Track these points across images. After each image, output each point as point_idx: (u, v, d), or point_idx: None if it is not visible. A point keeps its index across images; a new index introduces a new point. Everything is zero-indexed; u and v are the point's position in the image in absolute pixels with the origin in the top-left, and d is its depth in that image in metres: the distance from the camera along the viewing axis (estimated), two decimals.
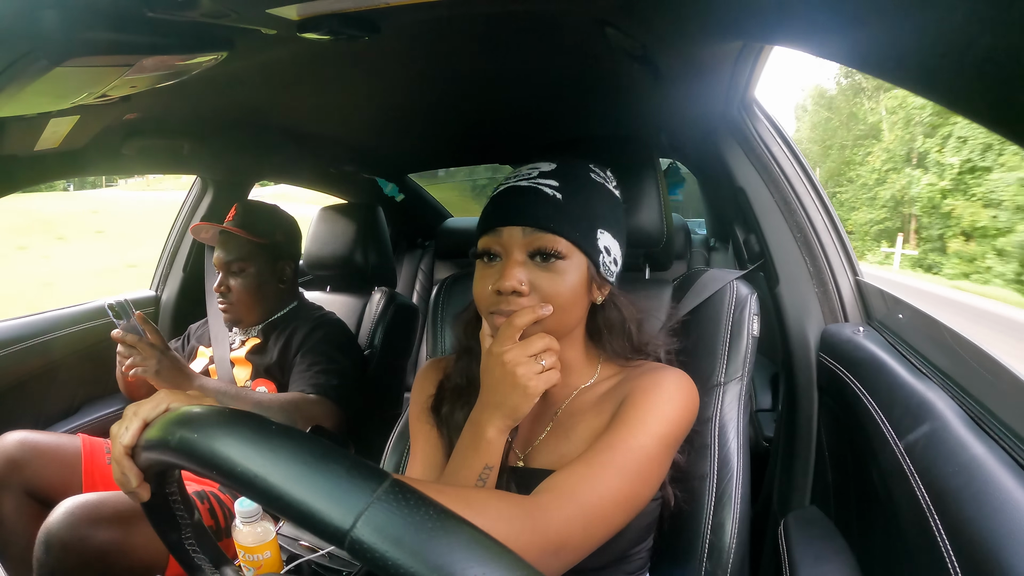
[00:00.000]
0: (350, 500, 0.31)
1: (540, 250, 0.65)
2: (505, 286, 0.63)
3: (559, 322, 0.66)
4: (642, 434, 0.62)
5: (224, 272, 1.26)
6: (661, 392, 0.65)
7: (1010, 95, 0.32)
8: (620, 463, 0.59)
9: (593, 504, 0.56)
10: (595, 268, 0.68)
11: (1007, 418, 0.59)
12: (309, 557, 0.71)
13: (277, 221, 1.34)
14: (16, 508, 1.05)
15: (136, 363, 1.06)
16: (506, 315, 0.64)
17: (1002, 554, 0.46)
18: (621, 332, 0.73)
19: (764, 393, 1.43)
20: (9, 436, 1.10)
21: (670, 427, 0.64)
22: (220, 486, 1.13)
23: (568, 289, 0.65)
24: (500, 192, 0.69)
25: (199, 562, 0.52)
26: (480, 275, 0.68)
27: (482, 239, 0.68)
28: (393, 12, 0.64)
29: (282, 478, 0.33)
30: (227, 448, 0.35)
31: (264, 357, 1.25)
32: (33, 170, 1.07)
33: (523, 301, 0.64)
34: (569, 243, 0.65)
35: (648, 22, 0.71)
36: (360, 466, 0.33)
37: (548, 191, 0.66)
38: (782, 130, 1.14)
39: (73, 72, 0.57)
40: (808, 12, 0.49)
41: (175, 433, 0.40)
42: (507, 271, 0.64)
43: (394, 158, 1.89)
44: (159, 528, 0.51)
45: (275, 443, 0.35)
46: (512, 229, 0.66)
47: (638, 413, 0.63)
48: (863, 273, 1.03)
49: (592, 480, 0.57)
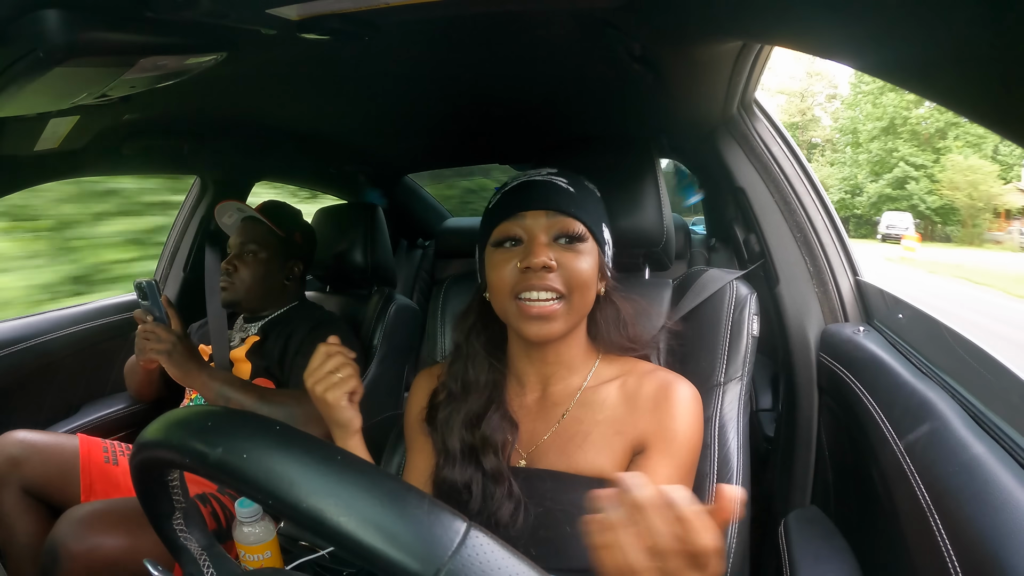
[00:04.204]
0: (431, 552, 0.30)
1: (563, 232, 0.70)
2: (536, 262, 0.67)
3: (581, 303, 0.71)
4: (689, 475, 0.69)
5: (236, 253, 1.29)
6: (692, 421, 0.69)
7: (1010, 95, 0.32)
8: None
9: None
10: (604, 256, 0.73)
11: (1007, 418, 0.59)
12: (309, 557, 0.71)
13: (299, 222, 1.40)
14: (15, 505, 1.06)
15: (152, 346, 1.07)
16: (538, 290, 0.67)
17: (1002, 554, 0.46)
18: (617, 324, 0.76)
19: (764, 393, 1.43)
20: (9, 436, 1.10)
21: (699, 448, 0.71)
22: (219, 488, 1.13)
23: (589, 269, 0.70)
24: (515, 186, 0.74)
25: (184, 542, 0.52)
26: (502, 259, 0.71)
27: (502, 226, 0.72)
28: (393, 12, 0.64)
29: (357, 523, 0.31)
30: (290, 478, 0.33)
31: (264, 355, 1.25)
32: (33, 170, 1.07)
33: (550, 276, 0.68)
34: (586, 229, 0.71)
35: (648, 22, 0.71)
36: (439, 512, 0.32)
37: (562, 184, 0.72)
38: (782, 130, 1.14)
39: (73, 72, 0.57)
40: (808, 12, 0.49)
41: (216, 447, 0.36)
42: (536, 248, 0.68)
43: (394, 158, 1.89)
44: (151, 511, 0.51)
45: (347, 478, 0.33)
46: (536, 213, 0.70)
47: (683, 454, 0.68)
48: (863, 273, 1.03)
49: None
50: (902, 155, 20.66)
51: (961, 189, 18.60)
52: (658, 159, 0.94)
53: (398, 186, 2.26)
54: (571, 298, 0.69)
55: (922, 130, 20.13)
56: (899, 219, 18.53)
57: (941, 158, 19.62)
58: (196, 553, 0.52)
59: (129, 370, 1.36)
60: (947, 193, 19.12)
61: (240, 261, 1.28)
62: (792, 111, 30.64)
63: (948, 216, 19.94)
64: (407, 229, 2.38)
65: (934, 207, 20.03)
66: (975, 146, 19.05)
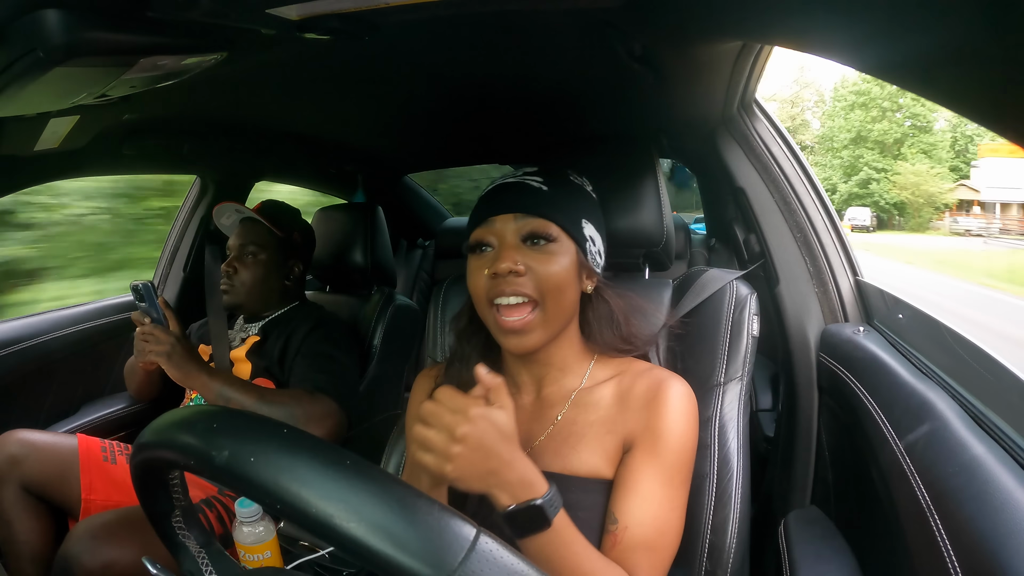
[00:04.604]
0: (441, 558, 0.30)
1: (532, 233, 0.69)
2: (502, 267, 0.66)
3: (557, 307, 0.69)
4: (679, 473, 0.67)
5: (236, 255, 1.28)
6: (678, 414, 0.68)
7: (1010, 95, 0.32)
8: (679, 501, 0.66)
9: (669, 546, 0.65)
10: (583, 255, 0.71)
11: (1007, 418, 0.59)
12: (309, 557, 0.71)
13: (298, 221, 1.39)
14: (15, 504, 1.06)
15: (151, 347, 1.06)
16: (507, 296, 0.67)
17: (1002, 554, 0.46)
18: (610, 323, 0.75)
19: (764, 393, 1.43)
20: (8, 435, 1.11)
21: (693, 447, 0.69)
22: (219, 489, 1.13)
23: (561, 270, 0.68)
24: (489, 191, 0.73)
25: (183, 540, 0.52)
26: (474, 267, 0.71)
27: (475, 232, 0.71)
28: (393, 12, 0.64)
29: (367, 529, 0.31)
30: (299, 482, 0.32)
31: (264, 355, 1.25)
32: (33, 170, 1.07)
33: (517, 281, 0.67)
34: (558, 228, 0.69)
35: (648, 22, 0.71)
36: (448, 518, 0.32)
37: (535, 184, 0.71)
38: (782, 130, 1.14)
39: (73, 72, 0.57)
40: (808, 12, 0.49)
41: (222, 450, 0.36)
42: (503, 253, 0.67)
43: (393, 158, 1.89)
44: (150, 509, 0.50)
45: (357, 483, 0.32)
46: (504, 217, 0.69)
47: (669, 453, 0.66)
48: (863, 273, 1.03)
49: (668, 529, 0.65)
50: (867, 161, 26.14)
51: (907, 189, 24.37)
52: (658, 159, 0.93)
53: (398, 186, 2.26)
54: (545, 303, 0.67)
55: (885, 139, 26.13)
56: (860, 213, 24.40)
57: (896, 163, 25.50)
58: (195, 551, 0.52)
59: (129, 371, 1.36)
60: (898, 192, 24.85)
61: (240, 263, 1.28)
62: (783, 117, 31.89)
63: (902, 210, 25.51)
64: (407, 229, 2.38)
65: (892, 203, 25.61)
66: (926, 153, 24.28)
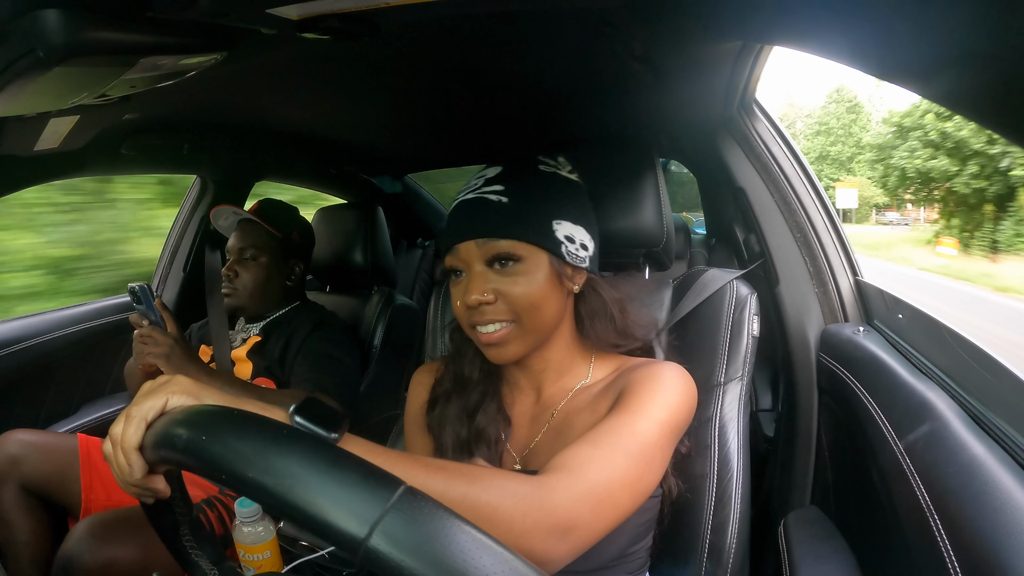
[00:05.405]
0: (364, 509, 0.31)
1: (497, 257, 0.67)
2: (471, 300, 0.66)
3: (536, 321, 0.68)
4: (644, 419, 0.60)
5: (236, 258, 1.28)
6: (660, 380, 0.65)
7: (1010, 95, 0.32)
8: (625, 445, 0.57)
9: (602, 485, 0.54)
10: (560, 260, 0.68)
11: (1007, 418, 0.59)
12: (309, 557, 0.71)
13: (296, 220, 1.39)
14: (15, 504, 1.06)
15: (149, 350, 1.06)
16: (483, 324, 0.67)
17: (1002, 554, 0.46)
18: (604, 316, 0.74)
19: (764, 393, 1.42)
20: (8, 435, 1.11)
21: (671, 413, 0.62)
22: (220, 489, 1.13)
23: (534, 288, 0.67)
24: (451, 211, 0.72)
25: (196, 559, 0.52)
26: (455, 292, 0.70)
27: (446, 259, 0.71)
28: (393, 12, 0.64)
29: (294, 487, 0.32)
30: (237, 453, 0.35)
31: (265, 355, 1.25)
32: (33, 170, 1.06)
33: (490, 310, 0.66)
34: (524, 243, 0.67)
35: (648, 22, 0.71)
36: (374, 473, 0.33)
37: (493, 198, 0.68)
38: (782, 130, 1.14)
39: (73, 72, 0.57)
40: (808, 12, 0.49)
41: (180, 435, 0.39)
42: (470, 285, 0.67)
43: (394, 158, 1.89)
44: (157, 524, 0.51)
45: (286, 449, 0.34)
46: (467, 244, 0.68)
47: (639, 400, 0.62)
48: (863, 273, 1.03)
49: (600, 461, 0.55)
50: (827, 173, 34.86)
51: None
52: (658, 159, 0.93)
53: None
54: (521, 320, 0.67)
55: (840, 157, 34.90)
56: None
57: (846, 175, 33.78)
58: (207, 568, 0.52)
59: (129, 372, 1.36)
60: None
61: (240, 266, 1.27)
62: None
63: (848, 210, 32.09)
64: (407, 229, 2.38)
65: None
66: (871, 165, 28.48)
